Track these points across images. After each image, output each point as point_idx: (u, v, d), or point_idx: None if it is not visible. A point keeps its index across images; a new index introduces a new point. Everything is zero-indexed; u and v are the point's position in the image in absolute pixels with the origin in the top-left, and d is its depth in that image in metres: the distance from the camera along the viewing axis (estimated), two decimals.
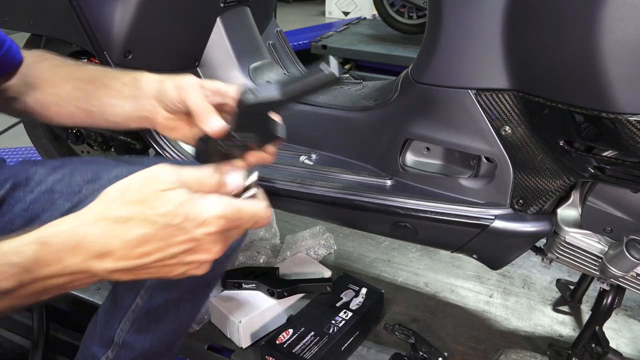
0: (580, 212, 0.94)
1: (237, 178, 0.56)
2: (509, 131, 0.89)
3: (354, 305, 1.20)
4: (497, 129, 0.90)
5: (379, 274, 1.44)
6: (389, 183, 1.08)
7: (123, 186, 0.51)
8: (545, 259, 1.03)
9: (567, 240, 0.94)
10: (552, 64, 0.78)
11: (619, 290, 1.01)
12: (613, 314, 1.04)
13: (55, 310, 1.36)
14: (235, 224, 0.52)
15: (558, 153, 0.85)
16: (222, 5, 1.38)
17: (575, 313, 1.29)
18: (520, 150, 0.89)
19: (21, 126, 1.75)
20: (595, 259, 0.94)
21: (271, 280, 1.24)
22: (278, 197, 1.15)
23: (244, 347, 1.17)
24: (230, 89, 0.70)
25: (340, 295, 1.23)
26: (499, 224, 0.95)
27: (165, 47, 1.29)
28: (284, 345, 1.09)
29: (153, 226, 0.49)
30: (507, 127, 0.89)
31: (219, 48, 1.39)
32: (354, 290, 1.25)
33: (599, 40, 0.70)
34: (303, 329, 1.13)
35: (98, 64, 1.23)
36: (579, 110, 0.76)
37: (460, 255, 1.38)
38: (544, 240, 1.02)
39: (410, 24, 3.28)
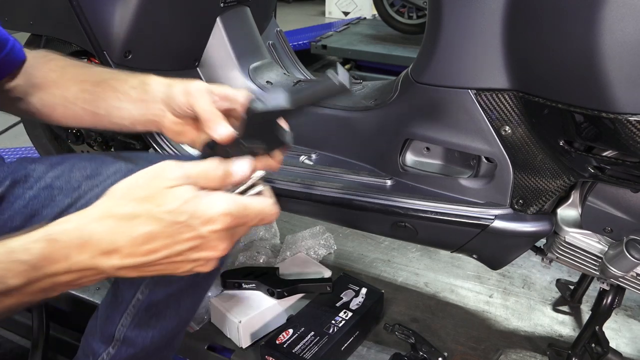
0: (580, 212, 0.94)
1: (244, 166, 0.55)
2: (509, 131, 0.89)
3: (354, 305, 1.20)
4: (497, 129, 0.90)
5: (379, 274, 1.44)
6: (389, 183, 1.08)
7: (130, 183, 0.51)
8: (545, 259, 1.03)
9: (567, 240, 0.94)
10: (552, 64, 0.78)
11: (618, 290, 1.01)
12: (613, 314, 1.04)
13: (55, 310, 1.36)
14: (242, 221, 0.52)
15: (558, 153, 0.85)
16: (222, 5, 1.38)
17: (575, 313, 1.29)
18: (520, 150, 0.89)
19: (21, 126, 1.75)
20: (595, 259, 0.94)
21: (271, 280, 1.23)
22: (278, 197, 1.13)
23: (243, 347, 1.17)
24: (239, 95, 0.70)
25: (340, 295, 1.23)
26: (498, 224, 0.95)
27: (165, 47, 1.29)
28: (284, 345, 1.09)
29: (159, 223, 0.49)
30: (507, 127, 0.89)
31: (219, 48, 1.39)
32: (354, 290, 1.25)
33: (599, 40, 0.70)
34: (303, 329, 1.13)
35: (98, 64, 1.23)
36: (578, 110, 0.76)
37: (460, 255, 1.38)
38: (544, 240, 1.02)
39: (410, 24, 3.28)
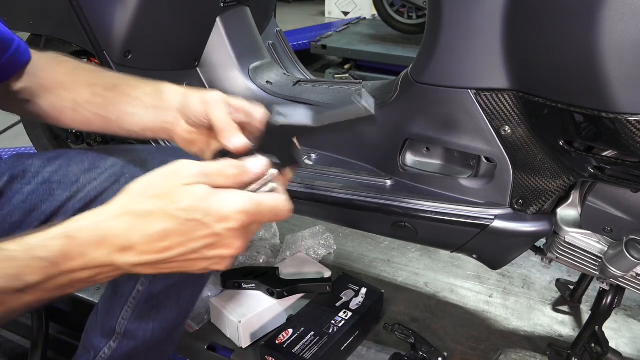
0: (580, 212, 0.94)
1: (259, 163, 0.55)
2: (509, 131, 0.89)
3: (353, 305, 1.20)
4: (497, 129, 0.90)
5: (379, 274, 1.44)
6: (389, 183, 1.08)
7: (147, 181, 0.52)
8: (545, 259, 1.03)
9: (567, 240, 0.94)
10: (552, 63, 0.78)
11: (618, 290, 1.01)
12: (613, 314, 1.04)
13: (55, 310, 1.36)
14: (256, 219, 0.52)
15: (558, 153, 0.85)
16: (222, 5, 1.38)
17: (575, 313, 1.29)
18: (520, 150, 0.90)
19: (21, 126, 1.75)
20: (595, 259, 0.94)
21: (271, 280, 1.23)
22: None
23: (243, 347, 1.17)
24: (255, 110, 0.69)
25: (340, 295, 1.23)
26: (498, 223, 0.95)
27: (165, 47, 1.29)
28: (284, 345, 1.09)
29: (174, 221, 0.49)
30: (507, 127, 0.89)
31: (219, 48, 1.39)
32: (353, 290, 1.25)
33: (599, 40, 0.70)
34: (303, 329, 1.13)
35: (98, 64, 1.23)
36: (578, 110, 0.76)
37: (460, 255, 1.38)
38: (543, 240, 1.02)
39: (410, 24, 3.28)
